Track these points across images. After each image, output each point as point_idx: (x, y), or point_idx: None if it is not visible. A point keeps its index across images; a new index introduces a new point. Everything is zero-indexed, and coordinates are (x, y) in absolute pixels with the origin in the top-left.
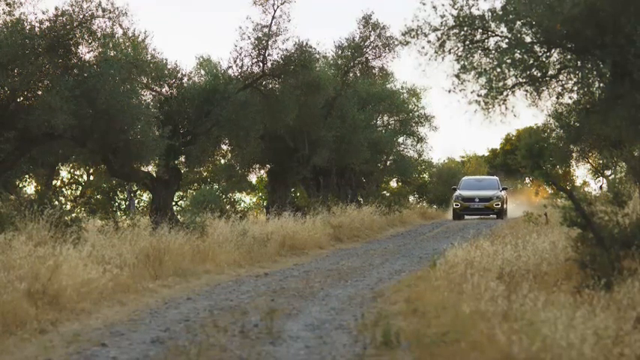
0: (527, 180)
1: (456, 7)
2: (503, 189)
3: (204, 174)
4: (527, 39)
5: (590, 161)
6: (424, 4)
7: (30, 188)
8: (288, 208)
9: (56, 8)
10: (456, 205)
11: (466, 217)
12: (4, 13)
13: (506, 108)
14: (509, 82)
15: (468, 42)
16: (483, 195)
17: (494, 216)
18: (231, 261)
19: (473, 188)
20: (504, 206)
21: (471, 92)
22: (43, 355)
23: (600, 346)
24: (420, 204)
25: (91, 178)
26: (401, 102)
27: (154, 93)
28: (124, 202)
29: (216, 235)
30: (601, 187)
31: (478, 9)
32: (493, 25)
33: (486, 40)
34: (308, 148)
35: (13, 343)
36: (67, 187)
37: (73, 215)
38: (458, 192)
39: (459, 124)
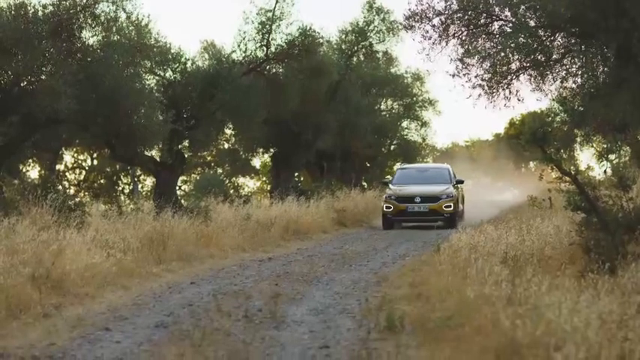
0: (530, 164)
1: None
2: (458, 182)
3: (208, 158)
4: (532, 23)
5: (595, 145)
6: None
7: (34, 173)
8: (291, 192)
9: None
10: (387, 207)
11: (404, 224)
12: None
13: (510, 92)
14: (513, 66)
15: (471, 26)
16: (428, 192)
17: (442, 222)
18: (235, 245)
19: (413, 182)
20: (459, 208)
21: (474, 76)
22: (47, 340)
23: (604, 330)
24: None
25: (95, 162)
26: (405, 86)
27: (157, 77)
28: (127, 187)
29: (219, 219)
30: (605, 172)
31: None
32: (497, 9)
33: (490, 25)
34: (312, 133)
35: (17, 327)
36: (70, 172)
37: (77, 200)
38: (390, 188)
39: (463, 108)
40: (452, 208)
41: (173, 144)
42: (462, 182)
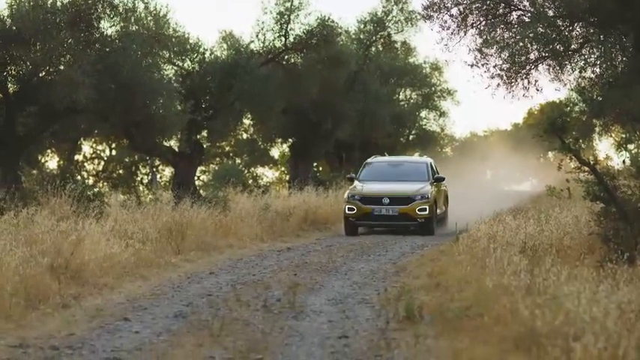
0: (549, 154)
1: None
2: (438, 180)
3: (227, 148)
4: (550, 13)
5: (613, 135)
6: None
7: (52, 163)
8: (310, 182)
9: None
10: (350, 209)
11: (369, 227)
12: None
13: (529, 82)
14: (532, 56)
15: (490, 16)
16: (398, 192)
17: (414, 227)
18: (254, 235)
19: (382, 179)
20: (438, 211)
21: (493, 66)
22: (66, 330)
23: (623, 320)
24: None
25: (114, 152)
26: (423, 76)
27: (176, 67)
28: (146, 177)
29: (238, 209)
30: (624, 162)
31: None
32: None
33: (509, 14)
34: (331, 123)
35: (36, 317)
36: (89, 162)
37: (96, 190)
38: (355, 185)
39: (482, 98)
40: (427, 212)
41: (192, 134)
42: (442, 180)
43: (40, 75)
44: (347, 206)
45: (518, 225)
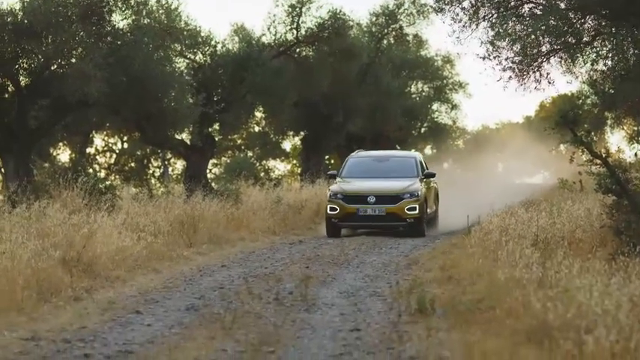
0: (561, 146)
1: None
2: (428, 176)
3: (239, 141)
4: (562, 5)
5: (625, 128)
6: None
7: (64, 156)
8: (322, 175)
9: None
10: (332, 208)
11: (353, 229)
12: None
13: (541, 75)
14: (544, 48)
15: (502, 9)
16: (385, 189)
17: (402, 229)
18: (266, 228)
19: (367, 175)
20: (428, 210)
21: (505, 59)
22: (78, 323)
23: (635, 313)
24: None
25: (125, 145)
26: (435, 69)
27: (187, 60)
28: (158, 170)
29: (250, 202)
30: (636, 154)
31: None
32: None
33: (520, 7)
34: (342, 115)
35: (48, 310)
36: (101, 155)
37: (108, 183)
38: (338, 183)
39: (494, 91)
40: (416, 212)
41: (203, 127)
42: (432, 176)
43: (52, 68)
44: (329, 206)
45: (530, 218)
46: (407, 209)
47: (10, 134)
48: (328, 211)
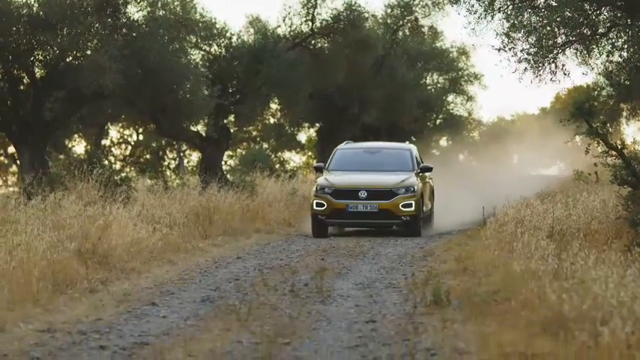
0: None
1: None
2: (425, 170)
3: (254, 133)
4: None
5: None
6: None
7: (79, 148)
8: None
9: None
10: (318, 204)
11: (345, 228)
12: None
13: (556, 66)
14: (559, 40)
15: (517, 0)
16: (378, 184)
17: (396, 227)
18: (281, 220)
19: (357, 168)
20: (424, 207)
21: (520, 51)
22: (94, 315)
23: None
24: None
25: (141, 137)
26: (450, 60)
27: (202, 52)
28: (173, 162)
29: (265, 194)
30: None
31: None
32: None
33: None
34: (357, 107)
35: (64, 302)
36: (116, 147)
37: (123, 175)
38: (325, 176)
39: (509, 82)
40: (412, 209)
41: (219, 119)
42: (429, 170)
43: (67, 60)
44: (315, 201)
45: (545, 209)
46: (402, 206)
47: (26, 126)
48: (314, 206)
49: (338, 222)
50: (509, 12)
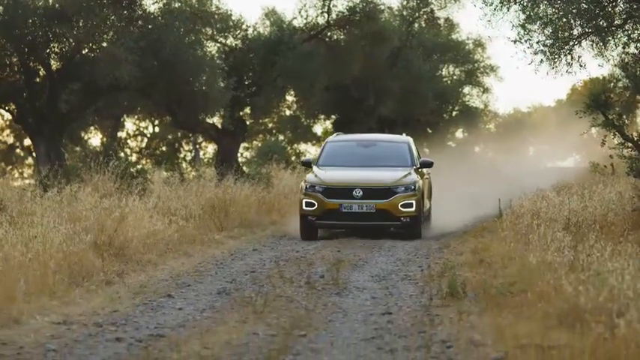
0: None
1: None
2: (424, 165)
3: (270, 125)
4: None
5: None
6: None
7: (95, 140)
8: None
9: None
10: (308, 204)
11: (334, 229)
12: None
13: (572, 58)
14: (575, 32)
15: None
16: (375, 181)
17: (395, 229)
18: (297, 212)
19: (350, 163)
20: (424, 207)
21: (536, 42)
22: (110, 307)
23: None
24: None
25: (156, 129)
26: (466, 52)
27: (218, 44)
28: (189, 154)
29: (281, 186)
30: None
31: None
32: None
33: None
34: (373, 99)
35: (80, 294)
36: (132, 139)
37: (139, 167)
38: (315, 172)
39: (525, 74)
40: (413, 209)
41: (234, 111)
42: (429, 165)
43: (83, 52)
44: (304, 200)
45: (561, 201)
46: (401, 206)
47: (42, 118)
48: (303, 206)
49: (330, 224)
50: (525, 4)
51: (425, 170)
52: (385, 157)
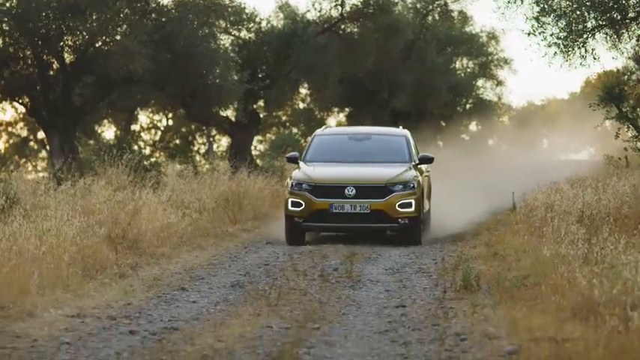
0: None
1: None
2: (424, 161)
3: (283, 118)
4: None
5: None
6: None
7: (109, 133)
8: None
9: None
10: (295, 203)
11: (323, 232)
12: None
13: (586, 51)
14: (589, 24)
15: None
16: (369, 178)
17: (391, 232)
18: None
19: (341, 159)
20: (423, 208)
21: (550, 35)
22: (124, 300)
23: None
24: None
25: (170, 122)
26: (480, 45)
27: (232, 37)
28: (202, 147)
29: None
30: None
31: None
32: None
33: None
34: (387, 92)
35: (94, 287)
36: (145, 132)
37: (152, 160)
38: (303, 169)
39: (539, 67)
40: (412, 210)
41: (248, 104)
42: (430, 161)
43: (97, 45)
44: (290, 200)
45: (575, 194)
46: (399, 206)
47: (55, 111)
48: (289, 206)
49: (319, 226)
50: None
51: (424, 167)
52: (380, 151)
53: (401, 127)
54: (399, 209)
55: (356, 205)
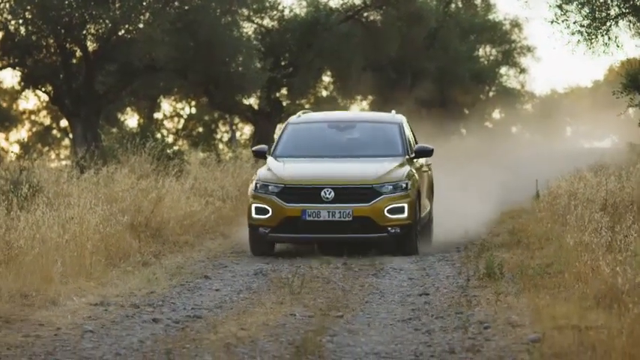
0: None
1: None
2: (421, 154)
3: (306, 106)
4: None
5: None
6: None
7: (132, 121)
8: None
9: None
10: (260, 209)
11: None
12: None
13: (609, 38)
14: (613, 12)
15: None
16: (351, 177)
17: (380, 243)
18: None
19: (319, 153)
20: (420, 212)
21: (573, 23)
22: (147, 288)
23: None
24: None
25: (193, 110)
26: (503, 33)
27: (255, 25)
28: (225, 135)
29: None
30: None
31: None
32: None
33: None
34: (410, 79)
35: (117, 275)
36: (168, 120)
37: (175, 148)
38: (269, 166)
39: (562, 54)
40: (405, 215)
41: (271, 92)
42: (428, 153)
43: (120, 33)
44: (253, 205)
45: (598, 182)
46: (388, 211)
47: (78, 100)
48: (253, 214)
49: (289, 237)
50: None
51: (423, 161)
52: (367, 143)
53: (394, 111)
54: (389, 215)
55: (335, 212)
